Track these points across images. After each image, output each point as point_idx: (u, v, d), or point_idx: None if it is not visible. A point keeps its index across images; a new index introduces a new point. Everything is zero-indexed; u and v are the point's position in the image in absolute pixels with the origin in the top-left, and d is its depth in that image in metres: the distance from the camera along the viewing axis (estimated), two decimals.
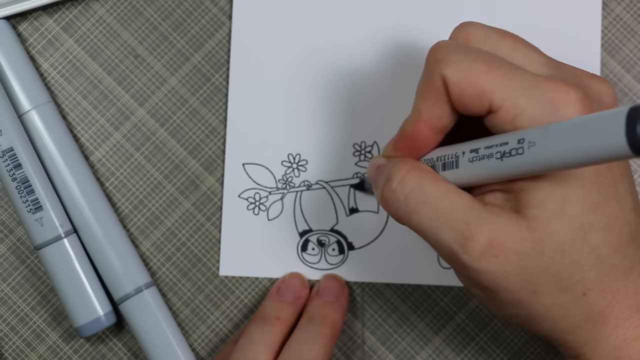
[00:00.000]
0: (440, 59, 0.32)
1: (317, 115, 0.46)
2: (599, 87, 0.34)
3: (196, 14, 0.46)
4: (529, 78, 0.32)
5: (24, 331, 0.46)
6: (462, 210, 0.32)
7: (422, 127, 0.34)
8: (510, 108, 0.31)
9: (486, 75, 0.32)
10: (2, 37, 0.44)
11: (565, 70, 0.34)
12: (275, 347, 0.42)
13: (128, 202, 0.46)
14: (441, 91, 0.32)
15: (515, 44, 0.34)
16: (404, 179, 0.34)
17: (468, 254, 0.32)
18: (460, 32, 0.35)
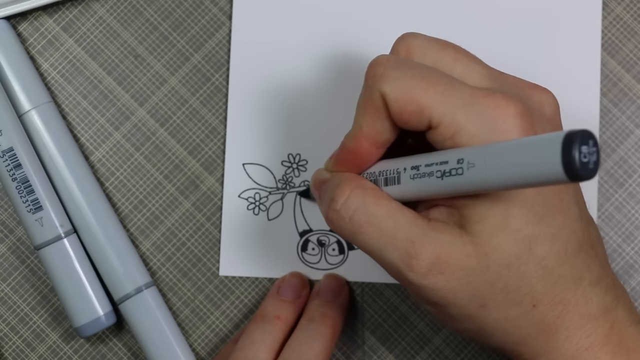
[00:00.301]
0: (379, 75, 0.32)
1: (317, 115, 0.46)
2: (540, 98, 0.34)
3: (196, 14, 0.46)
4: (468, 93, 0.31)
5: (24, 331, 0.46)
6: (407, 228, 0.32)
7: (363, 142, 0.34)
8: (449, 125, 0.31)
9: (425, 91, 0.32)
10: (2, 37, 0.44)
11: (506, 81, 0.34)
12: (275, 346, 0.42)
13: (128, 202, 0.46)
14: (381, 108, 0.33)
15: (455, 55, 0.34)
16: (347, 199, 0.34)
17: (414, 272, 0.32)
18: (402, 44, 0.35)
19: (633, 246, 0.45)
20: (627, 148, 0.46)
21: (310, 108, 0.46)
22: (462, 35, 0.46)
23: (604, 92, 0.46)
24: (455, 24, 0.46)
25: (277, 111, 0.46)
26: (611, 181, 0.46)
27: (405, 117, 0.32)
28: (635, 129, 0.46)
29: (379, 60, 0.33)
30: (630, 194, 0.45)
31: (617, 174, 0.46)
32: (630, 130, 0.46)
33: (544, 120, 0.33)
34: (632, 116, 0.46)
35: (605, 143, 0.46)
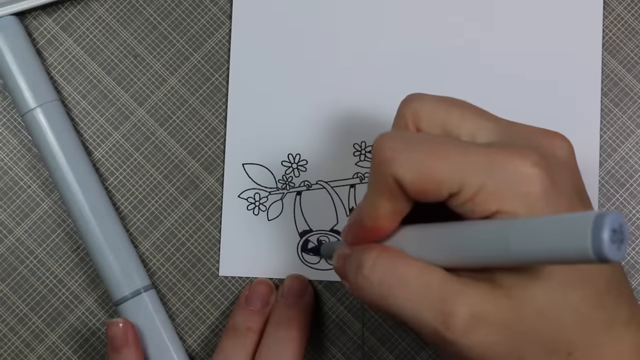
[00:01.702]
0: (389, 160, 0.32)
1: (317, 115, 0.46)
2: (552, 143, 0.34)
3: (196, 13, 0.46)
4: (481, 153, 0.31)
5: (23, 331, 0.46)
6: (438, 286, 0.32)
7: (381, 222, 0.33)
8: (469, 189, 0.31)
9: (438, 167, 0.31)
10: (11, 33, 0.44)
11: (516, 131, 0.34)
12: (249, 358, 0.43)
13: (127, 202, 0.46)
14: (396, 190, 0.32)
15: (462, 113, 0.34)
16: (374, 263, 0.33)
17: (450, 331, 0.31)
18: (408, 109, 0.34)
19: (634, 246, 0.45)
20: (628, 148, 0.46)
21: (311, 108, 0.46)
22: (461, 35, 0.46)
23: (604, 91, 0.46)
24: (455, 24, 0.46)
25: (277, 111, 0.46)
26: (612, 181, 0.45)
27: (423, 195, 0.32)
28: (636, 128, 0.46)
29: (384, 145, 0.32)
30: (631, 194, 0.45)
31: (618, 174, 0.45)
32: (631, 130, 0.46)
33: (560, 166, 0.33)
34: (633, 116, 0.46)
35: (606, 143, 0.46)
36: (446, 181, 0.31)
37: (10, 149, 0.46)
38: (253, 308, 0.44)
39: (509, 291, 0.31)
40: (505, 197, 0.30)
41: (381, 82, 0.45)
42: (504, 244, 0.29)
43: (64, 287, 0.46)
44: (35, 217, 0.46)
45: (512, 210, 0.30)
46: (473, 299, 0.31)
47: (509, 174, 0.31)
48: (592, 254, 0.25)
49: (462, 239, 0.31)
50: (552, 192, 0.30)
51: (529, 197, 0.30)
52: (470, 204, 0.31)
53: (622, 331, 0.32)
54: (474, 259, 0.31)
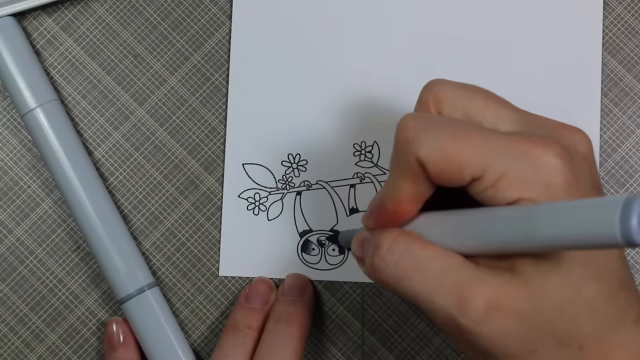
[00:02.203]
0: (411, 140, 0.32)
1: (317, 115, 0.46)
2: (573, 137, 0.34)
3: (196, 13, 0.46)
4: (505, 140, 0.31)
5: (23, 331, 0.46)
6: (456, 271, 0.31)
7: (404, 204, 0.33)
8: (491, 174, 0.31)
9: (460, 149, 0.31)
10: (9, 33, 0.44)
11: (537, 123, 0.34)
12: (249, 356, 0.43)
13: (127, 203, 0.46)
14: (418, 171, 0.32)
15: (485, 101, 0.34)
16: (392, 244, 0.33)
17: (466, 317, 0.31)
18: (430, 93, 0.34)
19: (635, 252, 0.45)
20: (628, 148, 0.46)
21: (310, 108, 0.46)
22: (462, 35, 0.46)
23: (604, 91, 0.46)
24: (456, 24, 0.46)
25: (277, 111, 0.46)
26: (612, 181, 0.45)
27: (445, 177, 0.31)
28: (636, 129, 0.46)
29: (407, 124, 0.32)
30: (631, 194, 0.45)
31: (618, 174, 0.45)
32: (631, 130, 0.46)
33: (580, 160, 0.33)
34: (633, 116, 0.46)
35: (606, 143, 0.46)
36: (469, 165, 0.31)
37: (10, 149, 0.46)
38: (253, 306, 0.44)
39: (528, 281, 0.31)
40: (527, 185, 0.30)
41: (381, 82, 0.45)
42: (530, 228, 0.28)
43: (64, 287, 0.46)
44: (35, 217, 0.46)
45: (534, 198, 0.30)
46: (491, 287, 0.31)
47: (533, 163, 0.30)
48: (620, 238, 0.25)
49: (485, 223, 0.31)
50: (574, 184, 0.30)
51: (551, 187, 0.30)
52: (491, 190, 0.31)
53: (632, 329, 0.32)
54: (498, 244, 0.30)
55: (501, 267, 0.31)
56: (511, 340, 0.31)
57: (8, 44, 0.44)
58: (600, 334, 0.32)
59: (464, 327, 0.31)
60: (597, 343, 0.32)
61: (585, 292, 0.31)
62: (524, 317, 0.31)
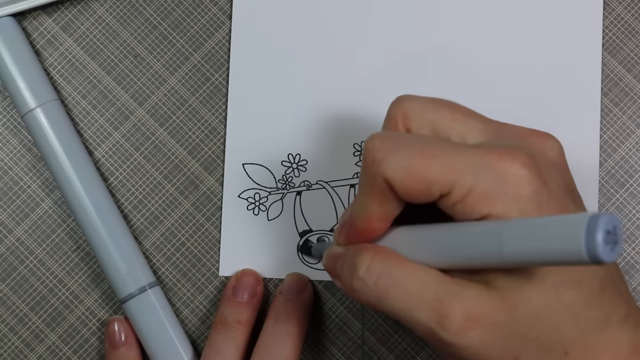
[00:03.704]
0: (378, 160, 0.32)
1: (317, 115, 0.46)
2: (542, 144, 0.34)
3: (196, 13, 0.46)
4: (471, 154, 0.31)
5: (23, 331, 0.46)
6: (433, 287, 0.32)
7: (373, 222, 0.34)
8: (459, 190, 0.31)
9: (428, 167, 0.31)
10: (8, 33, 0.44)
11: (506, 132, 0.34)
12: (240, 351, 0.43)
13: (127, 203, 0.46)
14: (386, 191, 0.32)
15: (452, 114, 0.34)
16: (369, 265, 0.33)
17: (446, 331, 0.31)
18: (397, 109, 0.34)
19: (634, 246, 0.45)
20: (628, 148, 0.46)
21: (311, 108, 0.46)
22: (461, 36, 0.46)
23: (604, 91, 0.46)
24: (456, 24, 0.46)
25: (277, 111, 0.46)
26: (612, 181, 0.45)
27: (414, 196, 0.32)
28: (636, 128, 0.46)
29: (374, 145, 0.33)
30: (631, 194, 0.45)
31: (618, 174, 0.45)
32: (631, 130, 0.46)
33: (550, 166, 0.33)
34: (633, 116, 0.46)
35: (606, 143, 0.46)
36: (436, 181, 0.31)
37: (10, 149, 0.46)
38: (240, 300, 0.44)
39: (503, 292, 0.31)
40: (496, 199, 0.30)
41: (381, 82, 0.45)
42: (498, 245, 0.29)
43: (64, 287, 0.46)
44: (35, 217, 0.46)
45: (503, 212, 0.30)
46: (468, 300, 0.31)
47: (500, 175, 0.31)
48: (585, 255, 0.25)
49: (454, 240, 0.31)
50: (543, 193, 0.31)
51: (519, 199, 0.30)
52: (460, 205, 0.31)
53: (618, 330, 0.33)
54: (467, 260, 0.31)
55: (476, 279, 0.32)
56: (492, 350, 0.32)
57: (8, 44, 0.44)
58: (585, 337, 0.32)
59: (445, 340, 0.31)
60: (582, 347, 0.32)
61: (565, 298, 0.31)
62: (502, 327, 0.31)
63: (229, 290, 0.44)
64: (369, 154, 0.33)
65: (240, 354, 0.43)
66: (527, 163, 0.31)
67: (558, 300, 0.31)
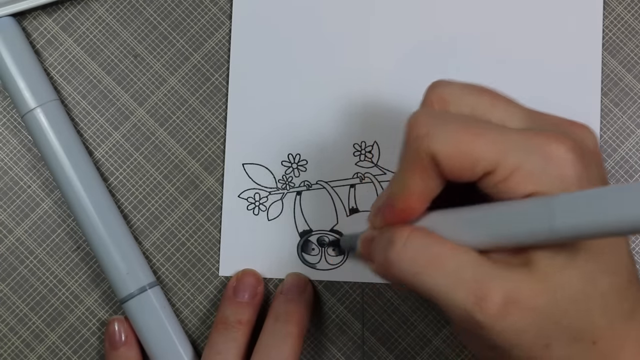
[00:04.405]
0: (423, 135, 0.32)
1: (317, 115, 0.46)
2: (582, 134, 0.34)
3: (195, 13, 0.46)
4: (517, 135, 0.31)
5: (23, 331, 0.46)
6: (472, 267, 0.31)
7: (413, 202, 0.33)
8: (504, 168, 0.31)
9: (474, 143, 0.31)
10: (8, 33, 0.44)
11: (546, 120, 0.34)
12: (241, 351, 0.43)
13: (127, 203, 0.46)
14: (430, 167, 0.32)
15: (492, 100, 0.34)
16: (407, 240, 0.33)
17: (483, 313, 0.31)
18: (434, 94, 0.34)
19: (634, 246, 0.45)
20: (628, 148, 0.46)
21: (310, 108, 0.46)
22: (462, 36, 0.46)
23: (604, 92, 0.46)
24: (456, 24, 0.46)
25: (277, 111, 0.46)
26: (612, 181, 0.45)
27: (458, 172, 0.31)
28: (636, 129, 0.46)
29: (419, 120, 0.32)
30: None
31: (618, 174, 0.45)
32: (631, 130, 0.46)
33: (589, 155, 0.33)
34: (633, 116, 0.46)
35: (606, 143, 0.46)
36: (482, 159, 0.31)
37: (10, 149, 0.46)
38: (241, 300, 0.44)
39: (545, 275, 0.31)
40: (541, 179, 0.30)
41: (381, 82, 0.45)
42: (549, 219, 0.28)
43: (64, 287, 0.46)
44: (35, 217, 0.46)
45: (549, 191, 0.30)
46: (508, 282, 0.31)
47: (545, 157, 0.31)
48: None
49: (501, 217, 0.31)
50: (585, 177, 0.31)
51: (564, 180, 0.30)
52: (504, 184, 0.31)
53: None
54: (515, 238, 0.30)
55: (516, 262, 0.31)
56: (527, 336, 0.31)
57: (8, 44, 0.44)
58: (613, 328, 0.32)
59: (481, 323, 0.31)
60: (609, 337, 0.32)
61: (600, 285, 0.31)
62: (540, 312, 0.31)
63: (230, 291, 0.44)
64: (413, 129, 0.32)
65: (241, 354, 0.43)
66: (572, 147, 0.31)
67: (595, 287, 0.31)
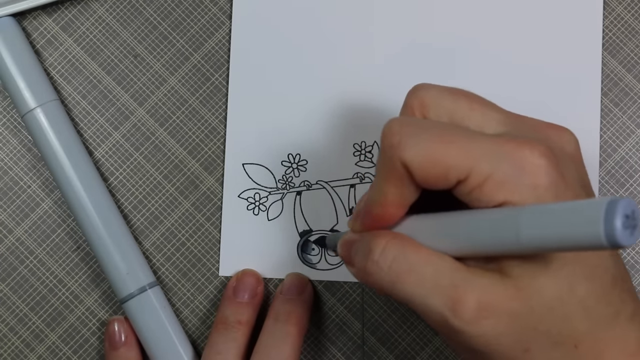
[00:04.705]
0: (396, 144, 0.32)
1: (317, 115, 0.46)
2: (559, 137, 0.34)
3: (195, 13, 0.46)
4: (489, 142, 0.31)
5: (23, 331, 0.46)
6: (448, 273, 0.32)
7: (389, 208, 0.34)
8: (476, 176, 0.31)
9: (446, 151, 0.31)
10: (8, 33, 0.44)
11: (523, 124, 0.34)
12: (241, 351, 0.43)
13: (127, 203, 0.46)
14: (404, 175, 0.32)
15: (470, 104, 0.34)
16: (385, 249, 0.33)
17: (459, 318, 0.31)
18: (415, 98, 0.34)
19: (634, 246, 0.45)
20: (628, 148, 0.46)
21: (310, 108, 0.46)
22: (461, 36, 0.46)
23: (604, 91, 0.46)
24: (455, 24, 0.46)
25: (277, 111, 0.46)
26: (612, 181, 0.45)
27: (431, 181, 0.32)
28: (636, 128, 0.46)
29: (392, 129, 0.32)
30: (631, 194, 0.45)
31: (618, 174, 0.45)
32: (631, 130, 0.46)
33: (567, 159, 0.33)
34: (633, 116, 0.46)
35: (606, 143, 0.46)
36: (454, 167, 0.31)
37: (10, 149, 0.46)
38: (241, 300, 0.44)
39: (518, 282, 0.31)
40: (513, 187, 0.30)
41: (381, 81, 0.45)
42: (515, 231, 0.29)
43: (64, 287, 0.46)
44: (35, 217, 0.46)
45: (520, 200, 0.30)
46: (482, 288, 0.31)
47: (518, 164, 0.31)
48: (604, 239, 0.25)
49: (471, 226, 0.31)
50: (560, 184, 0.31)
51: (537, 188, 0.30)
52: (477, 192, 0.31)
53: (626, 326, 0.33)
54: (484, 247, 0.31)
55: (490, 268, 0.32)
56: (504, 340, 0.31)
57: (8, 44, 0.44)
58: (594, 332, 0.32)
59: (457, 328, 0.31)
60: (591, 341, 0.32)
61: (578, 290, 0.31)
62: (515, 317, 0.31)
63: (230, 291, 0.44)
64: (387, 138, 0.32)
65: (241, 354, 0.43)
66: (545, 153, 0.31)
67: (571, 293, 0.31)
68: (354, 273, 0.35)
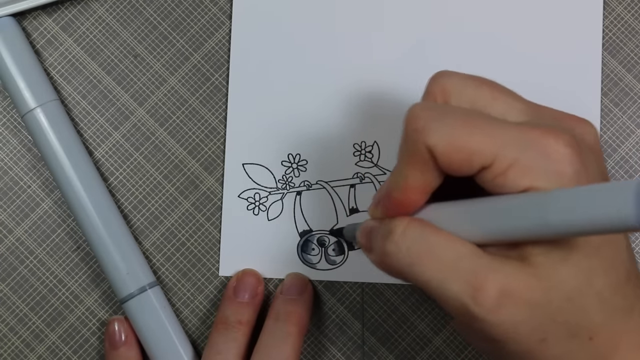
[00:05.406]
0: (421, 129, 0.32)
1: (317, 115, 0.46)
2: (581, 128, 0.34)
3: (196, 13, 0.46)
4: (514, 129, 0.31)
5: (23, 331, 0.46)
6: (469, 259, 0.31)
7: (411, 193, 0.33)
8: (501, 162, 0.31)
9: (470, 137, 0.31)
10: (8, 33, 0.44)
11: (545, 114, 0.34)
12: (242, 351, 0.43)
13: (127, 203, 0.46)
14: (428, 160, 0.32)
15: (492, 92, 0.34)
16: (405, 230, 0.33)
17: (479, 306, 0.31)
18: (436, 85, 0.34)
19: (634, 246, 0.45)
20: (628, 148, 0.46)
21: (310, 108, 0.46)
22: (462, 36, 0.46)
23: (604, 92, 0.46)
24: (455, 23, 0.46)
25: (277, 111, 0.46)
26: (612, 181, 0.45)
27: (455, 166, 0.31)
28: (637, 129, 0.46)
29: (416, 113, 0.32)
30: None
31: (618, 174, 0.45)
32: (631, 130, 0.46)
33: (588, 150, 0.33)
34: (633, 116, 0.46)
35: (606, 143, 0.46)
36: (479, 152, 0.31)
37: (10, 149, 0.46)
38: (242, 300, 0.44)
39: (539, 270, 0.31)
40: (538, 173, 0.30)
41: (382, 82, 0.45)
42: (544, 214, 0.28)
43: (64, 287, 0.46)
44: (35, 217, 0.46)
45: (546, 186, 0.30)
46: (504, 275, 0.31)
47: (543, 152, 0.30)
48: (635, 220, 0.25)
49: (497, 211, 0.31)
50: (582, 173, 0.31)
51: (561, 176, 0.30)
52: (501, 178, 0.31)
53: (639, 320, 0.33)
54: (510, 232, 0.30)
55: (512, 256, 0.31)
56: (522, 329, 0.31)
57: (8, 44, 0.44)
58: (610, 324, 0.32)
59: (476, 315, 0.31)
60: (607, 333, 0.32)
61: (596, 282, 0.31)
62: (535, 306, 0.31)
63: (230, 291, 0.44)
64: (410, 123, 0.32)
65: (241, 354, 0.43)
66: (570, 142, 0.31)
67: (589, 285, 0.31)
68: (372, 259, 0.35)
